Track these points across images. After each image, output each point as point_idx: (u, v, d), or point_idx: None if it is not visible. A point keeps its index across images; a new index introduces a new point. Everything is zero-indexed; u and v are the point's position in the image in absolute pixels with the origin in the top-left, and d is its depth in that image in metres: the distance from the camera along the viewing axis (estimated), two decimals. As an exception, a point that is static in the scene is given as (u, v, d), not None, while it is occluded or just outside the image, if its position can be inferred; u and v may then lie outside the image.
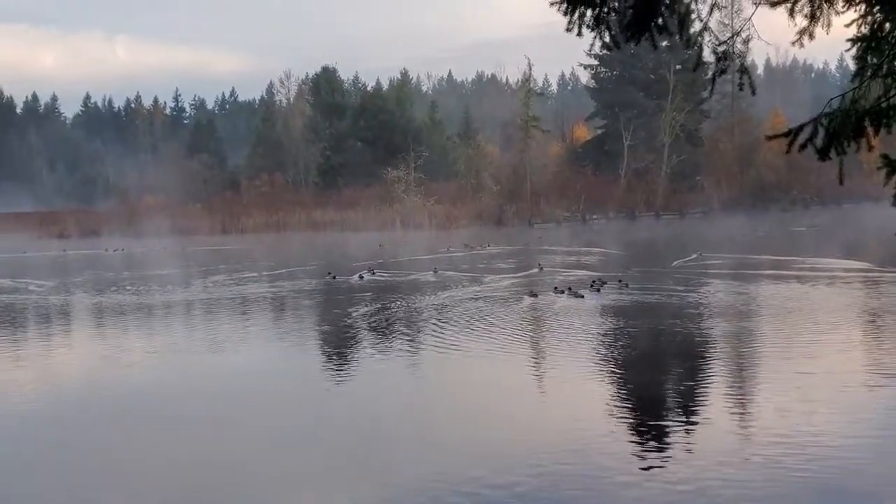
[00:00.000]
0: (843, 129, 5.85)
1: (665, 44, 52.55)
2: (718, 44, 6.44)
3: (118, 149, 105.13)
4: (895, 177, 5.79)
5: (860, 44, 6.02)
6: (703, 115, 69.57)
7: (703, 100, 65.57)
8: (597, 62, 70.72)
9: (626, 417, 9.48)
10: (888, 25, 5.93)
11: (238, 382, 12.25)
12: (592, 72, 73.10)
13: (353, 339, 15.49)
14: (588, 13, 5.88)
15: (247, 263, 33.91)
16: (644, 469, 7.66)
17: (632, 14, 5.82)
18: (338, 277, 25.69)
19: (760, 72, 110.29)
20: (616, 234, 45.83)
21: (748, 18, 6.58)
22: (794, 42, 6.37)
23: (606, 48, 6.49)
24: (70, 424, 10.23)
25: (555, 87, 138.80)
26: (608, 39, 6.02)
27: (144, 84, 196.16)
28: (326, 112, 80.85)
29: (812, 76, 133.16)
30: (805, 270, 23.69)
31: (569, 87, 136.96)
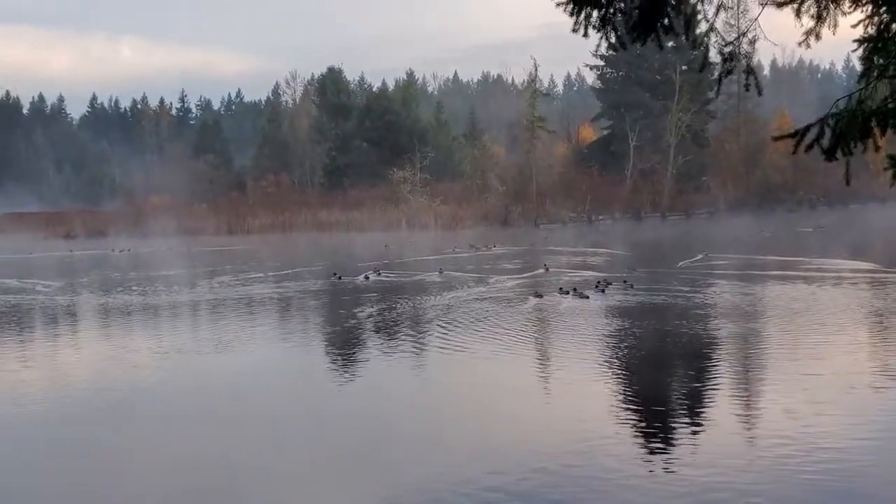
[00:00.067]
0: (850, 130, 5.83)
1: (671, 44, 52.59)
2: (725, 44, 6.44)
3: (124, 149, 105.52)
4: (901, 177, 5.78)
5: (867, 44, 6.00)
6: (710, 116, 69.51)
7: (710, 100, 65.63)
8: (603, 63, 70.78)
9: (632, 419, 9.46)
10: (895, 26, 5.92)
11: (244, 382, 12.29)
12: (598, 72, 73.20)
13: (359, 340, 15.52)
14: (594, 14, 5.89)
15: (252, 264, 33.96)
16: (649, 471, 7.65)
17: (638, 15, 5.83)
18: (343, 278, 25.72)
19: (767, 72, 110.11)
20: (622, 235, 45.77)
21: (754, 19, 6.58)
22: (801, 43, 6.37)
23: (612, 49, 6.50)
24: (77, 424, 10.26)
25: (561, 88, 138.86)
26: (614, 40, 6.03)
27: (151, 85, 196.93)
28: (332, 113, 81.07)
29: (818, 77, 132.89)
30: (811, 271, 23.63)
31: (575, 88, 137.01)
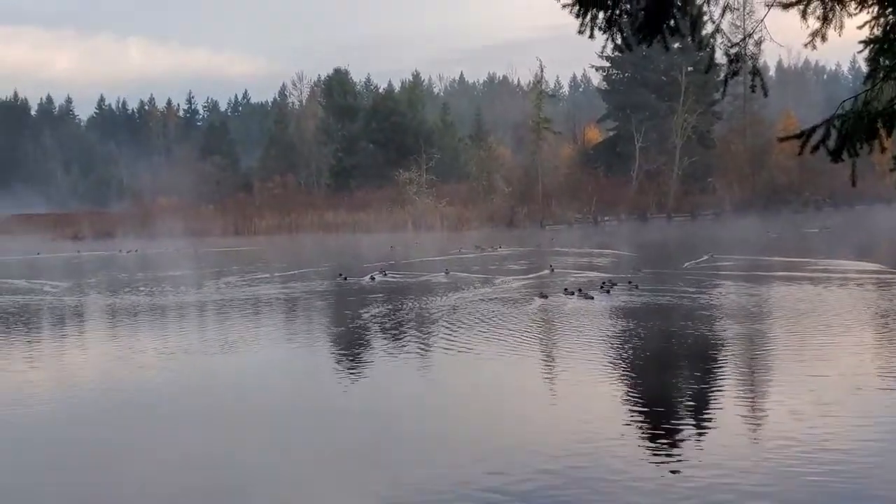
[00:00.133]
0: (856, 131, 5.85)
1: (677, 46, 52.43)
2: (730, 45, 6.45)
3: (132, 151, 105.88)
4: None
5: (872, 46, 6.01)
6: (715, 117, 69.39)
7: (715, 101, 65.45)
8: (608, 64, 70.71)
9: (637, 419, 9.46)
10: (901, 27, 5.93)
11: (250, 382, 12.33)
12: (604, 74, 73.14)
13: (364, 340, 15.55)
14: (600, 15, 5.92)
15: (259, 265, 34.04)
16: (655, 472, 7.66)
17: (644, 16, 5.85)
18: (349, 279, 25.76)
19: (772, 73, 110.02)
20: (627, 236, 45.73)
21: (760, 20, 6.56)
22: (807, 44, 6.38)
23: (618, 50, 6.51)
24: (83, 424, 10.31)
25: (566, 89, 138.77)
26: (620, 41, 6.05)
27: (158, 86, 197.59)
28: (338, 114, 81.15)
29: (824, 78, 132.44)
30: (817, 272, 23.59)
31: (580, 89, 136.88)
